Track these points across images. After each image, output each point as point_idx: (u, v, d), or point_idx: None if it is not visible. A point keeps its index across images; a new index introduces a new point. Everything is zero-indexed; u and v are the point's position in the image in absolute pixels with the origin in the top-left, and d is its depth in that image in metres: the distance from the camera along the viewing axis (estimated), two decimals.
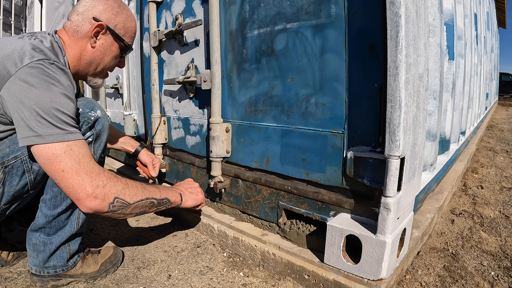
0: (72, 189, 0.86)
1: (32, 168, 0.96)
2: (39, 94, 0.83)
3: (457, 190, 2.20)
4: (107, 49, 1.08)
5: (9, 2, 4.03)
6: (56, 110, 0.84)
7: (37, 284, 1.06)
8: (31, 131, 0.83)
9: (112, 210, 0.92)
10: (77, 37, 1.03)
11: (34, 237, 1.03)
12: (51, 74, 0.86)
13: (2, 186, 0.93)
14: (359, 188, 1.04)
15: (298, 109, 1.17)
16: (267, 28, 1.23)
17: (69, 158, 0.85)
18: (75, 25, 1.02)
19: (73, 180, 0.85)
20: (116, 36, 1.07)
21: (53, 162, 0.84)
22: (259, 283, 1.14)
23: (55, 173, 0.85)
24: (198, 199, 1.25)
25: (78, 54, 1.04)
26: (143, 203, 1.00)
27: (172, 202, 1.13)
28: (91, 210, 0.89)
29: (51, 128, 0.84)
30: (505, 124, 6.34)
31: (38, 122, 0.83)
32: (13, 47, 0.87)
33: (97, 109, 1.06)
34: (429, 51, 1.17)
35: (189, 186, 1.28)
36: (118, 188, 0.93)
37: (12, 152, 0.93)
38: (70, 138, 0.86)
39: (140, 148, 1.50)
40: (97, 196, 0.88)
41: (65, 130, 0.86)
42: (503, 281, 1.14)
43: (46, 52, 0.91)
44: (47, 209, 1.01)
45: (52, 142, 0.84)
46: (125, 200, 0.94)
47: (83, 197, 0.86)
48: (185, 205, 1.20)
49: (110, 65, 1.13)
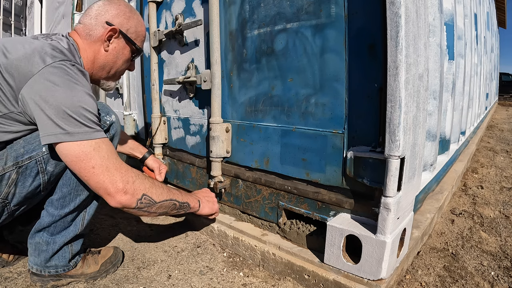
0: (103, 185, 0.88)
1: (46, 169, 0.96)
2: (65, 92, 0.85)
3: (457, 190, 2.20)
4: (119, 52, 1.09)
5: (9, 2, 4.03)
6: (83, 109, 0.86)
7: (37, 284, 1.06)
8: (58, 128, 0.84)
9: (139, 207, 0.95)
10: (90, 41, 1.04)
11: (37, 236, 1.03)
12: (73, 75, 0.88)
13: (14, 187, 0.92)
14: (359, 188, 1.04)
15: (298, 109, 1.17)
16: (267, 28, 1.23)
17: (98, 155, 0.87)
18: (88, 29, 1.04)
19: (103, 176, 0.88)
20: (129, 40, 1.09)
21: (83, 159, 0.86)
22: (259, 283, 1.14)
23: (85, 170, 0.87)
24: (214, 208, 1.29)
25: (92, 58, 1.06)
26: (167, 203, 1.03)
27: (191, 207, 1.16)
28: (120, 205, 0.92)
29: (79, 126, 0.85)
30: (505, 124, 6.34)
31: (66, 120, 0.84)
32: (33, 47, 0.88)
33: (112, 114, 1.09)
34: (429, 51, 1.17)
35: (206, 194, 1.32)
36: (146, 186, 0.96)
37: (26, 152, 0.93)
38: (97, 136, 0.89)
39: (147, 154, 1.53)
40: (127, 191, 0.91)
41: (92, 128, 0.88)
42: (503, 281, 1.14)
43: (65, 53, 0.93)
44: (54, 209, 1.01)
45: (81, 140, 0.85)
46: (152, 198, 0.97)
47: (113, 192, 0.89)
48: (202, 212, 1.24)
49: (122, 68, 1.15)
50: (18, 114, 0.90)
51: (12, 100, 0.88)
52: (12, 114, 0.90)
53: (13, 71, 0.85)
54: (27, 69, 0.85)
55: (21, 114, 0.90)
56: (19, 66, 0.85)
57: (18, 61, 0.86)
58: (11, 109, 0.89)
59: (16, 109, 0.89)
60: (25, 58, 0.86)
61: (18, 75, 0.85)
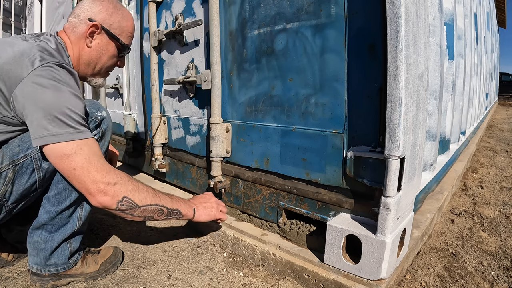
0: (84, 185, 0.89)
1: (41, 166, 0.98)
2: (52, 95, 0.86)
3: (457, 190, 2.20)
4: (103, 48, 1.09)
5: (9, 2, 4.03)
6: (67, 109, 0.87)
7: (37, 284, 1.06)
8: (45, 130, 0.85)
9: (120, 209, 0.95)
10: (75, 38, 1.06)
11: (36, 235, 1.03)
12: (61, 76, 0.90)
13: (11, 185, 0.94)
14: (359, 188, 1.04)
15: (298, 109, 1.17)
16: (267, 28, 1.23)
17: (80, 156, 0.88)
18: (73, 26, 1.06)
19: (84, 177, 0.89)
20: (112, 36, 1.09)
21: (65, 161, 0.87)
22: (259, 283, 1.14)
23: (67, 171, 0.88)
24: (211, 214, 1.23)
25: (78, 55, 1.07)
26: (152, 208, 1.02)
27: (183, 215, 1.13)
28: (101, 205, 0.93)
29: (64, 127, 0.86)
30: (505, 124, 6.34)
31: (52, 122, 0.85)
32: (21, 50, 0.89)
33: (102, 109, 1.10)
34: (429, 51, 1.17)
35: (204, 200, 1.26)
36: (128, 188, 0.96)
37: (22, 150, 0.95)
38: (81, 136, 0.89)
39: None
40: (107, 192, 0.91)
41: (76, 128, 0.89)
42: (503, 281, 1.14)
43: (54, 54, 0.94)
44: (50, 206, 1.01)
45: (64, 141, 0.86)
46: (134, 201, 0.97)
47: (94, 192, 0.90)
48: (198, 220, 1.20)
49: (108, 64, 1.15)
50: (10, 117, 0.91)
51: (5, 104, 0.89)
52: (6, 118, 0.92)
53: (3, 75, 0.86)
54: (16, 73, 0.86)
55: (13, 117, 0.91)
56: (9, 70, 0.86)
57: (8, 65, 0.87)
58: (4, 114, 0.91)
59: (8, 113, 0.90)
60: (14, 61, 0.87)
61: (8, 80, 0.86)
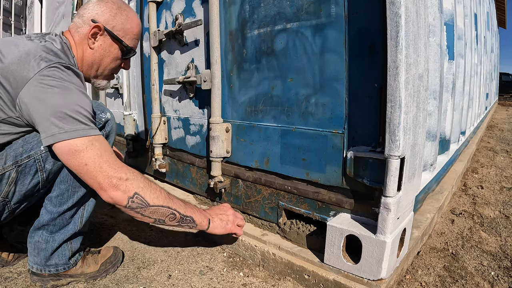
0: (96, 179, 0.89)
1: (45, 167, 0.97)
2: (61, 94, 0.86)
3: (457, 190, 2.20)
4: (106, 50, 1.09)
5: (9, 2, 4.03)
6: (78, 107, 0.88)
7: (37, 284, 1.06)
8: (56, 128, 0.85)
9: (130, 206, 0.93)
10: (79, 39, 1.06)
11: (37, 235, 1.03)
12: (68, 77, 0.90)
13: (14, 186, 0.94)
14: (359, 188, 1.04)
15: (298, 109, 1.17)
16: (267, 28, 1.23)
17: (92, 152, 0.88)
18: (76, 27, 1.06)
19: (96, 172, 0.88)
20: (115, 38, 1.08)
21: (77, 156, 0.87)
22: (259, 283, 1.14)
23: (79, 167, 0.88)
24: (227, 228, 1.18)
25: (81, 56, 1.07)
26: (164, 210, 0.99)
27: (197, 224, 1.09)
28: (112, 200, 0.92)
29: (75, 123, 0.87)
30: (505, 124, 6.34)
31: (63, 119, 0.85)
32: (26, 50, 0.89)
33: (107, 111, 1.10)
34: (429, 51, 1.17)
35: (221, 212, 1.22)
36: (139, 185, 0.94)
37: (25, 151, 0.95)
38: (91, 133, 0.90)
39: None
40: (119, 187, 0.90)
41: (87, 125, 0.90)
42: (503, 281, 1.14)
43: (59, 55, 0.94)
44: (52, 206, 1.01)
45: (76, 137, 0.87)
46: (145, 199, 0.95)
47: (106, 187, 0.90)
48: (213, 232, 1.15)
49: (111, 67, 1.14)
50: (16, 118, 0.91)
51: (10, 105, 0.89)
52: (11, 119, 0.91)
53: (9, 76, 0.86)
54: (22, 74, 0.86)
55: (19, 118, 0.91)
56: (15, 71, 0.86)
57: (14, 65, 0.86)
58: (10, 114, 0.90)
59: (14, 114, 0.90)
60: (20, 62, 0.87)
61: (14, 80, 0.86)
